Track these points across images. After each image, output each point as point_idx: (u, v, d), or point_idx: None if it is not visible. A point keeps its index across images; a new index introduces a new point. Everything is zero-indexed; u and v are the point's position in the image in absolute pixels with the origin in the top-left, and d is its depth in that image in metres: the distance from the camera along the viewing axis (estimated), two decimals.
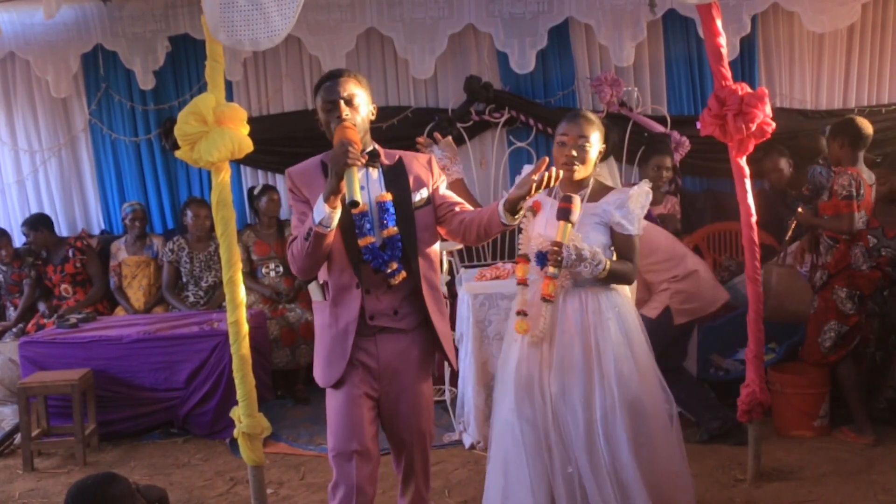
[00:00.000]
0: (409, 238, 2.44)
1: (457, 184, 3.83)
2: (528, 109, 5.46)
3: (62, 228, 5.68)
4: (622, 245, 2.74)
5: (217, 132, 2.67)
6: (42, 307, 5.34)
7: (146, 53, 5.31)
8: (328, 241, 2.34)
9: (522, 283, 2.79)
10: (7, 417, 4.65)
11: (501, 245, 5.52)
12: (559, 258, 2.57)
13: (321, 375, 2.52)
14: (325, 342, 2.49)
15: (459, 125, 5.44)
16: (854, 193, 3.86)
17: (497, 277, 4.16)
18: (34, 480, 4.00)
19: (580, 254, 2.58)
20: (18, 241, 5.59)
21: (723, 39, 3.11)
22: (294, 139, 5.42)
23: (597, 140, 2.73)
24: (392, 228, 2.41)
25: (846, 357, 3.93)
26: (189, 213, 5.23)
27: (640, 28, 5.33)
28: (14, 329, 5.23)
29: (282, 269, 5.22)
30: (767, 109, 3.11)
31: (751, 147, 3.19)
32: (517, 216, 2.34)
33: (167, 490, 3.06)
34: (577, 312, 2.70)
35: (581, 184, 2.76)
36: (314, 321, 2.59)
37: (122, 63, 5.36)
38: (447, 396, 4.43)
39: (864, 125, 4.02)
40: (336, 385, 2.47)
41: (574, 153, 2.69)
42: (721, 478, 3.54)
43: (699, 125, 3.26)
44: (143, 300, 5.31)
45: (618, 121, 5.48)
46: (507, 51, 5.35)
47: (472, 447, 4.00)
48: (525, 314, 2.72)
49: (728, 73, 3.15)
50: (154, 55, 5.32)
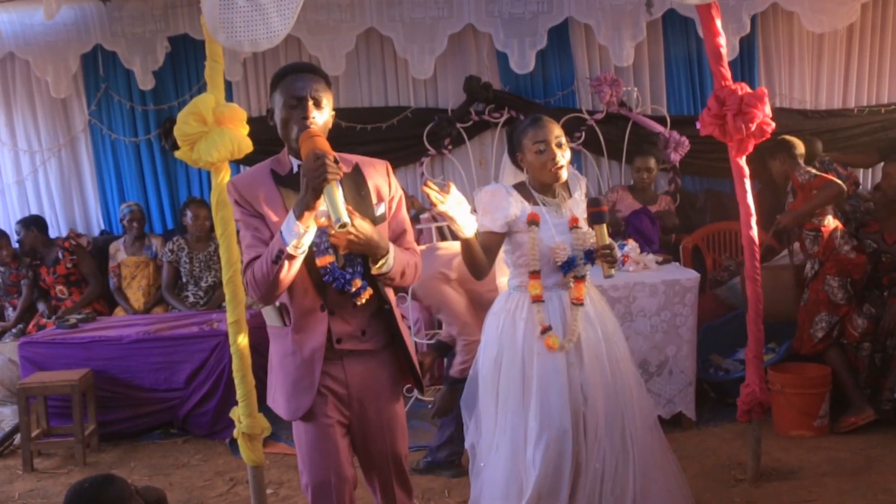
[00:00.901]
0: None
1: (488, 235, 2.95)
2: (528, 109, 5.45)
3: (62, 229, 5.68)
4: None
5: (217, 132, 2.67)
6: (42, 307, 5.35)
7: (146, 54, 5.32)
8: (298, 265, 2.10)
9: (538, 300, 2.67)
10: (7, 418, 4.65)
11: None
12: (614, 258, 2.61)
13: (284, 408, 2.26)
14: (289, 371, 2.24)
15: (459, 125, 5.44)
16: (821, 170, 4.09)
17: None
18: (34, 481, 4.00)
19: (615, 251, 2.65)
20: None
21: (722, 39, 3.11)
22: None
23: (564, 138, 2.74)
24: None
25: (833, 344, 4.02)
26: (189, 214, 5.23)
27: (640, 28, 5.34)
28: (14, 329, 5.23)
29: None
30: (767, 109, 3.11)
31: (750, 147, 3.19)
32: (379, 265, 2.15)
33: (167, 491, 3.06)
34: (589, 305, 2.73)
35: (566, 183, 2.78)
36: (272, 348, 2.32)
37: (122, 63, 5.36)
38: None
39: (796, 142, 4.29)
40: (304, 417, 2.24)
41: (559, 154, 2.67)
42: (721, 477, 3.53)
43: (699, 125, 3.25)
44: (143, 301, 5.31)
45: (617, 121, 5.50)
46: (507, 51, 5.36)
47: (473, 447, 3.98)
48: (550, 328, 2.65)
49: (728, 73, 3.15)
50: (153, 55, 5.33)
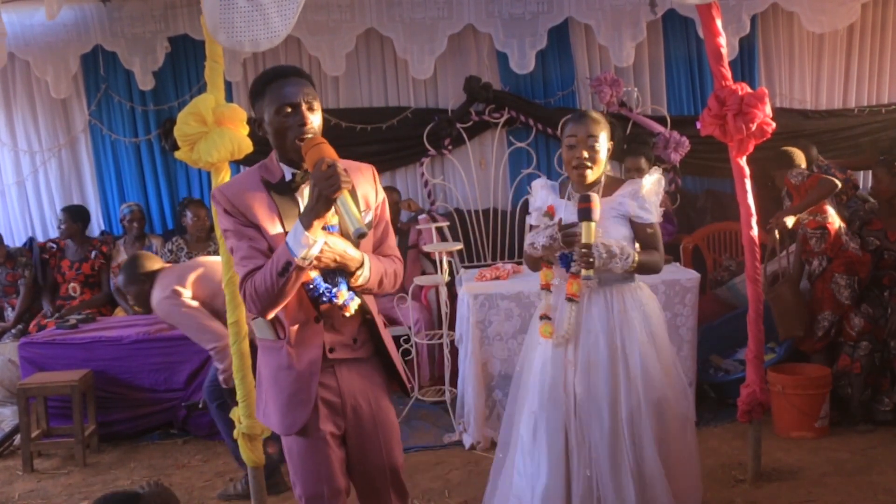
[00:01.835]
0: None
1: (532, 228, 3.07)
2: (528, 110, 5.47)
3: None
4: (644, 235, 2.73)
5: (217, 133, 2.67)
6: (46, 307, 5.34)
7: (145, 54, 5.32)
8: (303, 275, 2.03)
9: (546, 288, 2.79)
10: (7, 418, 4.64)
11: (502, 245, 5.53)
12: (590, 259, 2.53)
13: (279, 423, 2.18)
14: (283, 386, 2.16)
15: (459, 125, 5.44)
16: (811, 171, 4.15)
17: (497, 278, 4.16)
18: (34, 481, 4.00)
19: (610, 250, 2.57)
20: (19, 241, 5.61)
21: (723, 39, 3.11)
22: None
23: (605, 139, 2.71)
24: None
25: (834, 348, 4.06)
26: (189, 214, 5.23)
27: (640, 28, 5.34)
28: (13, 330, 5.22)
29: None
30: (767, 109, 3.11)
31: (751, 147, 3.19)
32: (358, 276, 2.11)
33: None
34: (603, 312, 2.69)
35: (594, 182, 2.74)
36: (263, 361, 2.24)
37: (122, 63, 5.36)
38: (447, 397, 4.42)
39: (797, 153, 4.44)
40: (299, 431, 2.18)
41: (585, 154, 2.66)
42: (721, 478, 3.53)
43: (699, 125, 3.26)
44: None
45: (617, 121, 5.49)
46: (507, 51, 5.36)
47: (473, 448, 4.00)
48: (549, 318, 2.72)
49: (728, 73, 3.15)
50: (153, 56, 5.33)
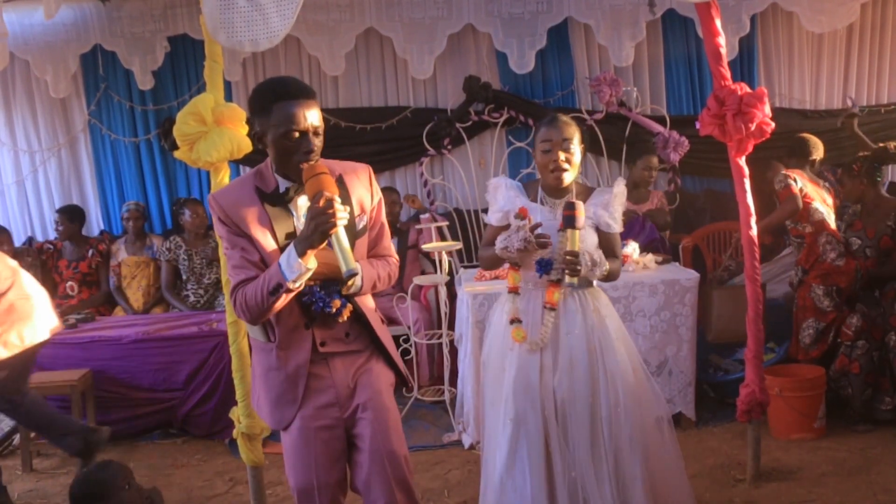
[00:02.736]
0: None
1: (490, 229, 2.97)
2: (528, 109, 5.47)
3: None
4: (609, 243, 2.77)
5: (216, 132, 2.68)
6: None
7: (145, 53, 5.31)
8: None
9: (514, 292, 2.76)
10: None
11: None
12: (577, 267, 2.54)
13: (269, 418, 2.28)
14: (272, 386, 2.24)
15: (458, 125, 5.44)
16: (790, 183, 4.19)
17: (496, 278, 4.15)
18: (33, 481, 4.00)
19: (593, 258, 2.59)
20: (18, 241, 5.60)
21: (722, 39, 3.11)
22: None
23: (578, 141, 2.73)
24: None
25: (827, 352, 4.05)
26: (187, 212, 5.23)
27: (640, 28, 5.34)
28: None
29: None
30: (766, 109, 3.10)
31: (750, 147, 3.19)
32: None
33: (166, 491, 3.07)
34: (580, 313, 2.69)
35: (568, 187, 2.75)
36: (256, 359, 2.34)
37: (121, 63, 5.36)
38: (447, 396, 4.42)
39: (814, 144, 4.49)
40: (288, 426, 2.26)
41: (563, 157, 2.67)
42: (721, 478, 3.53)
43: (698, 125, 3.25)
44: (143, 301, 5.31)
45: (617, 121, 5.50)
46: (507, 51, 5.36)
47: (472, 447, 3.99)
48: (520, 321, 2.70)
49: (727, 73, 3.14)
50: (153, 55, 5.32)
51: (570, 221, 2.56)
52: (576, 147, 2.70)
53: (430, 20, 5.31)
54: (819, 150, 4.50)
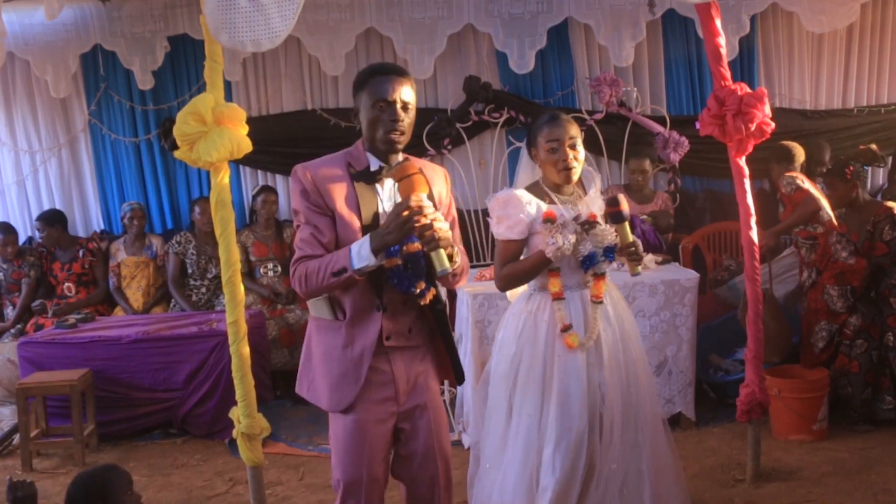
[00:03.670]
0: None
1: (509, 244, 2.83)
2: (528, 109, 5.46)
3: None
4: None
5: (216, 132, 2.67)
6: (37, 304, 5.33)
7: (145, 53, 5.31)
8: None
9: (559, 298, 2.65)
10: (6, 418, 4.64)
11: None
12: (641, 256, 2.61)
13: (327, 399, 2.29)
14: (337, 363, 2.26)
15: (459, 125, 5.44)
16: (801, 185, 4.12)
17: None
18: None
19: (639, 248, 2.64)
20: (18, 241, 5.60)
21: (722, 39, 3.11)
22: (293, 139, 5.44)
23: (580, 138, 2.73)
24: (415, 244, 2.15)
25: (836, 354, 4.03)
26: (197, 210, 5.29)
27: (640, 28, 5.34)
28: (13, 329, 5.22)
29: (280, 270, 5.25)
30: (766, 109, 3.11)
31: (750, 147, 3.20)
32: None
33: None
34: (609, 305, 2.72)
35: (580, 181, 2.76)
36: (317, 339, 2.35)
37: (122, 63, 5.36)
38: (447, 396, 4.41)
39: (796, 150, 4.49)
40: (345, 411, 2.27)
41: (571, 155, 2.65)
42: (721, 478, 3.53)
43: (698, 125, 3.26)
44: (142, 301, 5.32)
45: (617, 121, 5.50)
46: (507, 51, 5.36)
47: (476, 447, 3.98)
48: (571, 327, 2.64)
49: (727, 74, 3.15)
50: (153, 55, 5.32)
51: (619, 217, 2.59)
52: (580, 144, 2.70)
53: (430, 20, 5.31)
54: (802, 156, 4.50)
